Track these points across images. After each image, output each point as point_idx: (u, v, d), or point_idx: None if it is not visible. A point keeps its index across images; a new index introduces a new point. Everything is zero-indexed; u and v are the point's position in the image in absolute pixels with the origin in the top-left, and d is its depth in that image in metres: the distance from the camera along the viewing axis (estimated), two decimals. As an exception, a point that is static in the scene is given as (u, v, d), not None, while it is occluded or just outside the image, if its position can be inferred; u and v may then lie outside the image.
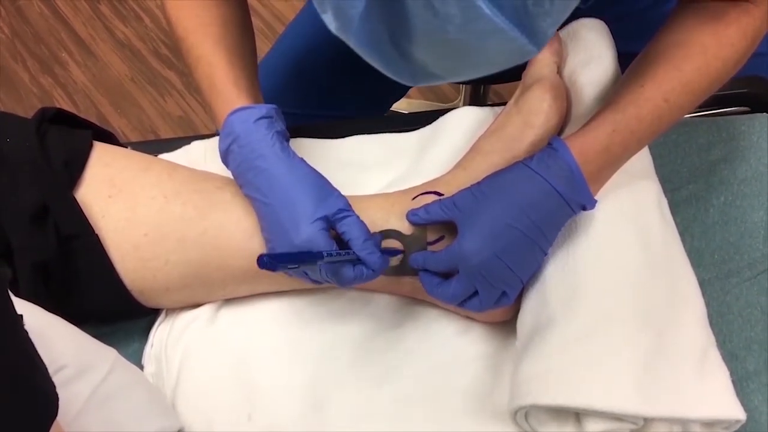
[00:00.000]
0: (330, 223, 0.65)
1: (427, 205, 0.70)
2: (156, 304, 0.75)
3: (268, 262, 0.59)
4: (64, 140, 0.73)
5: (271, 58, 1.04)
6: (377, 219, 0.72)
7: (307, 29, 1.03)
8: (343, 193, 0.74)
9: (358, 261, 0.65)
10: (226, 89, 0.70)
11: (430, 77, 0.52)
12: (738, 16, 0.67)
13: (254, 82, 0.74)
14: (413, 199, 0.73)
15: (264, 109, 0.69)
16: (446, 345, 0.74)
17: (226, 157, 0.69)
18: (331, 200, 0.66)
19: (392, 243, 0.71)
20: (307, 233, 0.63)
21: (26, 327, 0.50)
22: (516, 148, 0.74)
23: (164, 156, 0.85)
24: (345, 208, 0.66)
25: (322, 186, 0.67)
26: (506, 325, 0.75)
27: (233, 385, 0.72)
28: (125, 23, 1.98)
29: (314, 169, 0.69)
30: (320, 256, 0.62)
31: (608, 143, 0.65)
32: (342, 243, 0.66)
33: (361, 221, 0.67)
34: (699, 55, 0.67)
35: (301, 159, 0.69)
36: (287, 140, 0.70)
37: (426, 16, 0.46)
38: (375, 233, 0.69)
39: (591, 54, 0.79)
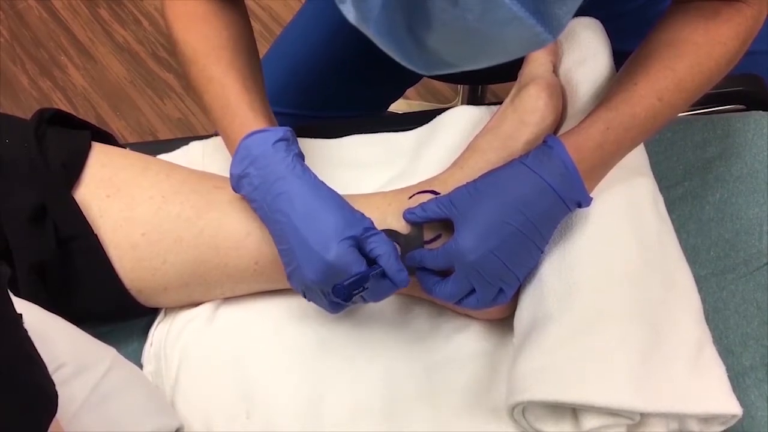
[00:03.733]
0: (357, 242, 0.65)
1: (424, 203, 0.70)
2: (155, 303, 0.75)
3: (342, 290, 0.62)
4: (62, 141, 0.73)
5: (269, 59, 1.04)
6: (374, 218, 0.72)
7: (306, 31, 1.03)
8: (340, 192, 0.74)
9: (382, 276, 0.66)
10: (242, 111, 0.70)
11: (445, 66, 0.52)
12: (730, 16, 0.68)
13: (267, 104, 0.74)
14: (410, 197, 0.73)
15: (281, 131, 0.68)
16: (444, 342, 0.75)
17: (239, 181, 0.68)
18: (357, 219, 0.66)
19: None
20: (338, 251, 0.63)
21: (26, 326, 0.50)
22: (512, 146, 0.74)
23: (162, 157, 0.85)
24: (371, 226, 0.67)
25: (345, 206, 0.67)
26: (504, 323, 0.75)
27: (232, 383, 0.73)
28: (124, 26, 1.98)
29: (335, 191, 0.68)
30: (367, 274, 0.64)
31: (602, 141, 0.66)
32: (368, 260, 0.66)
33: (388, 238, 0.67)
34: (691, 54, 0.67)
35: (322, 181, 0.68)
36: (303, 160, 0.69)
37: (445, 5, 0.46)
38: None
39: (586, 52, 0.79)
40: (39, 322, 0.61)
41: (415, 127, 0.89)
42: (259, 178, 0.67)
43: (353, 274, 0.63)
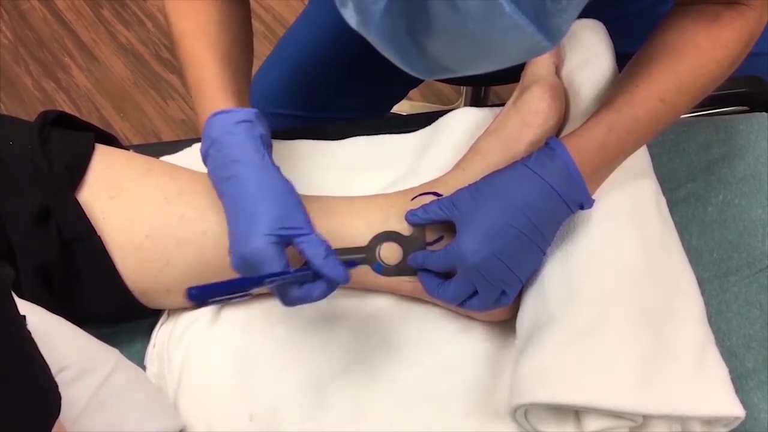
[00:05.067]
0: (285, 240, 0.64)
1: (426, 205, 0.70)
2: (158, 305, 0.75)
3: (196, 295, 0.58)
4: (66, 143, 0.73)
5: (273, 61, 1.05)
6: (376, 220, 0.72)
7: (308, 32, 1.03)
8: (342, 194, 0.74)
9: (315, 277, 0.64)
10: (212, 91, 0.70)
11: (445, 71, 0.53)
12: (732, 19, 0.68)
13: (243, 85, 0.74)
14: (412, 199, 0.73)
15: (242, 113, 0.67)
16: (446, 344, 0.75)
17: (204, 160, 0.68)
18: (292, 217, 0.64)
19: (391, 245, 0.72)
20: (257, 245, 0.62)
21: (29, 328, 0.50)
22: (514, 148, 0.75)
23: (166, 158, 0.85)
24: (303, 226, 0.64)
25: (287, 200, 0.65)
26: (506, 324, 0.75)
27: (234, 385, 0.73)
28: (128, 27, 1.99)
29: (286, 181, 0.66)
30: (258, 281, 0.61)
31: (604, 143, 0.66)
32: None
33: (320, 239, 0.64)
34: (694, 56, 0.67)
35: (276, 168, 0.67)
36: (269, 145, 0.69)
37: (447, 12, 0.46)
38: (336, 249, 0.66)
39: (589, 54, 0.79)
40: (42, 323, 0.61)
41: (418, 129, 0.89)
42: (217, 160, 0.67)
43: (265, 272, 0.61)
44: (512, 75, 0.82)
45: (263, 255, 0.62)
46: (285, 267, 0.62)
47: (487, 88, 1.45)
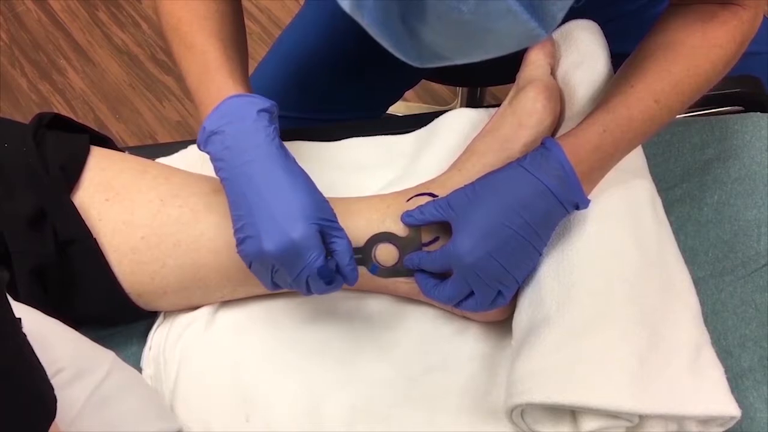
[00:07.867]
0: (322, 228, 0.64)
1: (422, 206, 0.70)
2: (154, 307, 0.75)
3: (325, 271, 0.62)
4: (61, 145, 0.73)
5: (269, 61, 1.05)
6: (372, 220, 0.73)
7: (304, 33, 1.03)
8: (339, 195, 0.74)
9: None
10: (221, 77, 0.69)
11: (438, 58, 0.52)
12: (727, 19, 0.68)
13: (247, 77, 0.74)
14: (408, 200, 0.73)
15: (267, 102, 0.67)
16: (443, 345, 0.75)
17: (211, 136, 0.65)
18: (327, 207, 0.66)
19: (387, 246, 0.72)
20: (305, 231, 0.62)
21: (24, 330, 0.50)
22: (510, 148, 0.75)
23: (161, 160, 0.85)
24: (335, 219, 0.66)
25: (316, 191, 0.67)
26: (502, 325, 0.75)
27: (231, 386, 0.73)
28: (123, 29, 1.98)
29: (308, 174, 0.67)
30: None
31: (599, 143, 0.66)
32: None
33: (347, 236, 0.66)
34: (688, 57, 0.68)
35: (296, 161, 0.68)
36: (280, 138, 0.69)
37: None
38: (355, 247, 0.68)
39: (584, 55, 0.79)
40: (38, 326, 0.61)
41: (414, 130, 0.89)
42: (234, 140, 0.65)
43: (311, 259, 0.62)
44: (508, 75, 0.82)
45: (310, 241, 0.62)
46: (323, 255, 0.63)
47: (483, 89, 1.45)
